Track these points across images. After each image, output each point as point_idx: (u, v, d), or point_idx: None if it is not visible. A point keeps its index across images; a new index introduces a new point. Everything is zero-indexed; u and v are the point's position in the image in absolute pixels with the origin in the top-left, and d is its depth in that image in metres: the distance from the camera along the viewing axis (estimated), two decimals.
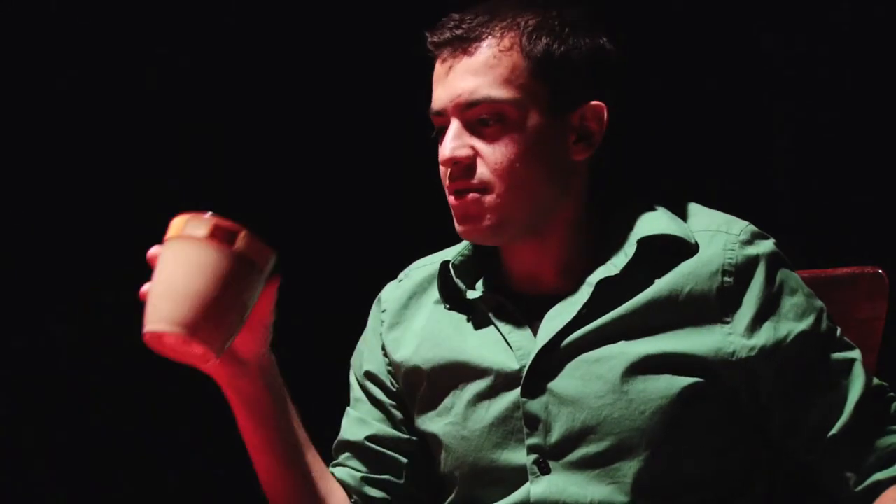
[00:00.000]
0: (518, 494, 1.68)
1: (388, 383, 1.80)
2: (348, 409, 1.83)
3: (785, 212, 2.57)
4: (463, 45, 1.66)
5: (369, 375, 1.82)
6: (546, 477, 1.67)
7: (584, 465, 1.66)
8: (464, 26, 1.66)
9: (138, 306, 1.56)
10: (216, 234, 1.54)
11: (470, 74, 1.65)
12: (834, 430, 1.66)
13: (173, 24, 2.68)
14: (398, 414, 1.80)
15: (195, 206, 2.60)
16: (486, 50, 1.65)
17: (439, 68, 1.69)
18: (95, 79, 2.67)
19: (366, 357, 1.83)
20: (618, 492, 1.65)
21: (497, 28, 1.66)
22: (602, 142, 1.69)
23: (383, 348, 1.81)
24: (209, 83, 2.69)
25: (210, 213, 1.56)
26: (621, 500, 1.64)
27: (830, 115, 2.55)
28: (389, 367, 1.80)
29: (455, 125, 1.67)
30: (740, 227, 1.69)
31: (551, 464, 1.67)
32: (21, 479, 2.68)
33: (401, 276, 1.84)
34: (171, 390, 2.67)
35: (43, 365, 2.70)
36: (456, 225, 1.70)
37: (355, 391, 1.84)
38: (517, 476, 1.69)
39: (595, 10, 1.70)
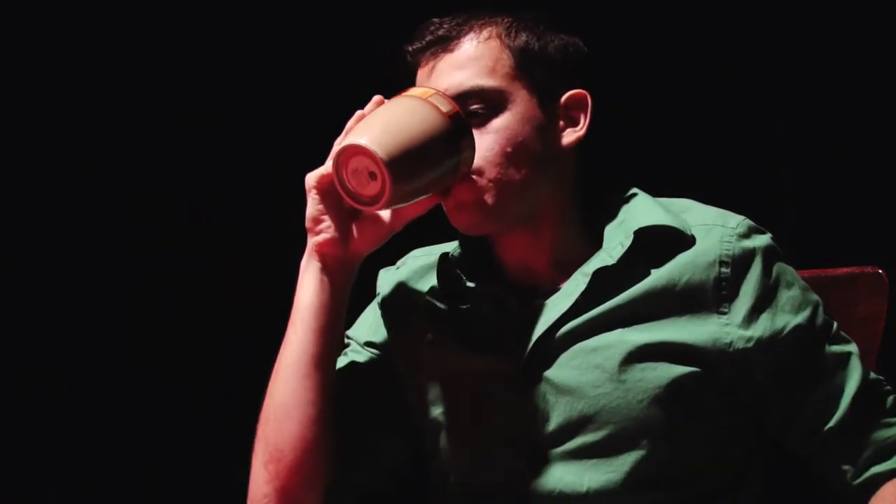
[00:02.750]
0: (514, 483, 1.68)
1: (388, 358, 1.80)
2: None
3: (785, 212, 2.57)
4: (444, 44, 1.70)
5: (371, 344, 1.82)
6: (543, 466, 1.67)
7: (581, 454, 1.66)
8: (445, 26, 1.70)
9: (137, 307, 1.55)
10: (454, 118, 1.63)
11: (455, 69, 1.68)
12: (831, 424, 1.66)
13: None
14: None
15: (191, 207, 2.64)
16: (469, 44, 1.69)
17: (422, 73, 1.72)
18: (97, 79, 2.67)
19: (372, 326, 1.83)
20: (614, 481, 1.65)
21: (476, 25, 1.70)
22: (588, 131, 1.71)
23: (384, 326, 1.82)
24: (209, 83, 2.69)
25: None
26: (617, 489, 1.65)
27: (831, 114, 2.55)
28: (388, 346, 1.81)
29: None
30: (737, 220, 1.70)
31: (548, 453, 1.67)
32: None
33: (398, 263, 1.85)
34: (169, 392, 2.69)
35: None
36: (452, 218, 1.70)
37: (352, 346, 1.82)
38: (514, 465, 1.69)
39: (561, 15, 1.74)
